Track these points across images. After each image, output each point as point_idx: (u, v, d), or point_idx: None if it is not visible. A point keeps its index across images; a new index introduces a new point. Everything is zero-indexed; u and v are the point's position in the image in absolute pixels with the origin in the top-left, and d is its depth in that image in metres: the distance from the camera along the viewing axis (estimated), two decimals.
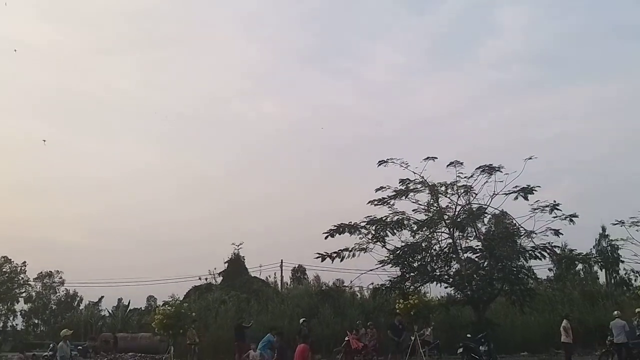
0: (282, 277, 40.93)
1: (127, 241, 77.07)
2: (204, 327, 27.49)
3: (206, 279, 37.44)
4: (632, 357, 20.37)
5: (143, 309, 46.41)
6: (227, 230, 69.65)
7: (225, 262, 37.70)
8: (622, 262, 36.00)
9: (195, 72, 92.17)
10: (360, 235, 26.64)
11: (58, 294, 64.92)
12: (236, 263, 37.84)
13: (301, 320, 24.12)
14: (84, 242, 78.04)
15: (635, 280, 32.89)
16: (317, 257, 27.41)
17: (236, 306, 30.58)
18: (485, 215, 26.74)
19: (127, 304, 44.04)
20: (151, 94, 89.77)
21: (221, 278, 37.52)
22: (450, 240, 26.62)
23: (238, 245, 37.55)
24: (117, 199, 79.69)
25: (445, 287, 27.57)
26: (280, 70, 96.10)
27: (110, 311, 41.74)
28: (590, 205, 61.19)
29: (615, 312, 21.60)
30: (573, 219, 24.89)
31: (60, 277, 63.43)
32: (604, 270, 37.19)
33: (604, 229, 41.07)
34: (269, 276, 39.77)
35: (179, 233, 74.86)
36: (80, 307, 58.82)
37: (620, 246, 31.74)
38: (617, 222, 28.21)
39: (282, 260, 41.01)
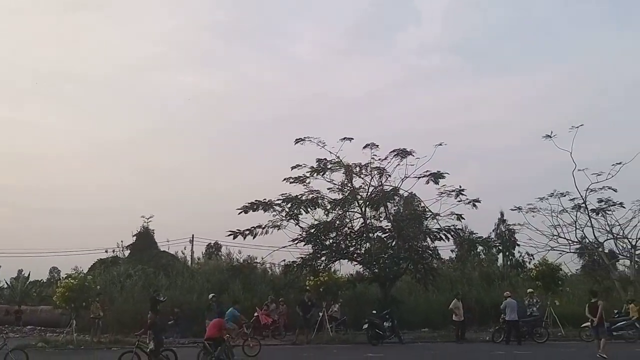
0: (192, 252, 40.32)
1: (29, 208, 72.73)
2: (109, 301, 26.69)
3: (113, 251, 36.24)
4: (521, 334, 22.03)
5: (45, 281, 44.24)
6: (136, 203, 67.50)
7: (133, 235, 36.63)
8: (518, 245, 38.70)
9: (112, 40, 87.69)
10: (274, 213, 26.84)
11: None
12: (145, 237, 36.82)
13: (210, 296, 24.03)
14: None
15: (529, 263, 35.17)
16: (229, 235, 27.41)
17: (143, 280, 29.88)
18: (396, 197, 27.67)
19: (27, 275, 41.81)
20: (63, 58, 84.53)
21: (129, 251, 36.45)
22: (362, 220, 27.41)
23: (148, 219, 36.55)
24: (23, 166, 74.77)
25: (355, 265, 28.47)
26: (200, 42, 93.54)
27: (9, 282, 39.38)
28: (493, 192, 64.72)
29: (506, 293, 23.21)
30: (476, 204, 26.44)
31: None
32: (501, 252, 39.69)
33: (502, 214, 43.78)
34: (181, 251, 39.03)
35: (86, 202, 71.66)
36: None
37: (517, 230, 34.13)
38: (515, 208, 30.30)
39: (193, 235, 40.41)
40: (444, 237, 26.89)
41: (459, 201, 26.30)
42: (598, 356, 16.41)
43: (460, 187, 26.37)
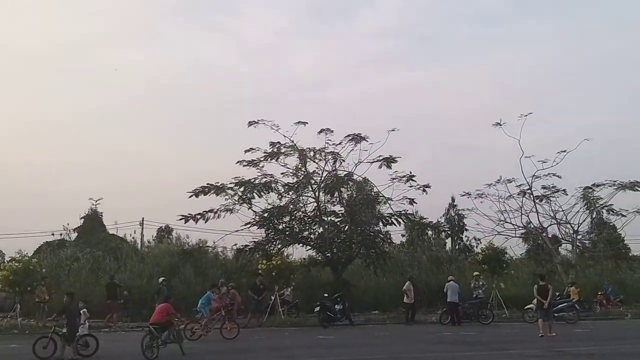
0: (142, 235, 39.59)
1: None
2: (55, 285, 25.97)
3: (60, 234, 35.26)
4: (467, 316, 22.73)
5: None
6: (85, 185, 65.50)
7: (81, 218, 35.74)
8: (467, 230, 39.93)
9: (57, 15, 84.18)
10: (227, 197, 26.63)
11: None
12: (93, 219, 35.98)
13: (160, 279, 23.81)
14: None
15: (477, 247, 36.17)
16: (180, 219, 27.08)
17: (91, 264, 29.23)
18: (350, 182, 27.88)
19: None
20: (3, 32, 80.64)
21: (76, 234, 35.56)
22: (316, 205, 27.53)
23: (96, 201, 35.69)
24: None
25: (308, 249, 28.62)
26: (152, 21, 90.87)
27: None
28: (445, 177, 65.82)
29: (450, 277, 23.89)
30: (426, 189, 26.97)
31: None
32: (450, 237, 40.67)
33: (453, 199, 44.78)
34: (130, 234, 38.28)
35: (30, 184, 69.08)
36: None
37: (465, 216, 35.07)
38: (464, 194, 31.07)
39: (143, 218, 39.69)
40: (395, 221, 27.38)
41: (410, 186, 26.83)
42: (541, 334, 17.16)
43: (410, 172, 26.88)
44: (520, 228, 31.07)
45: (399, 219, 27.40)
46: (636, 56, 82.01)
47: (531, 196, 29.75)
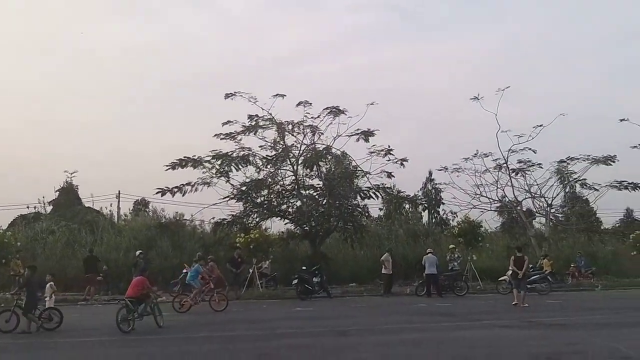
0: (119, 208, 39.18)
1: None
2: (31, 258, 25.67)
3: (35, 207, 34.71)
4: (443, 287, 23.12)
5: None
6: (60, 158, 64.34)
7: (56, 191, 35.18)
8: (443, 203, 40.29)
9: None
10: (204, 170, 26.47)
11: None
12: (69, 192, 35.44)
13: (137, 253, 23.74)
14: None
15: (453, 220, 36.62)
16: (157, 192, 26.86)
17: (67, 237, 28.93)
18: (329, 155, 27.88)
19: None
20: None
21: (51, 207, 35.05)
22: (294, 178, 27.52)
23: (71, 174, 35.12)
24: None
25: (286, 223, 28.69)
26: None
27: None
28: (423, 151, 66.17)
29: (429, 249, 24.22)
30: (404, 162, 27.12)
31: None
32: (427, 210, 41.11)
33: (430, 173, 45.11)
34: (106, 207, 37.84)
35: (4, 157, 67.62)
36: None
37: (442, 189, 35.43)
38: (441, 168, 31.37)
39: (119, 191, 39.24)
40: (373, 195, 27.58)
41: (387, 160, 26.96)
42: (515, 303, 17.74)
43: (389, 146, 26.97)
44: (496, 202, 31.62)
45: (377, 193, 27.60)
46: (610, 34, 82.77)
47: (507, 170, 30.18)
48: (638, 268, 28.24)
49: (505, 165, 30.04)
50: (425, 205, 36.82)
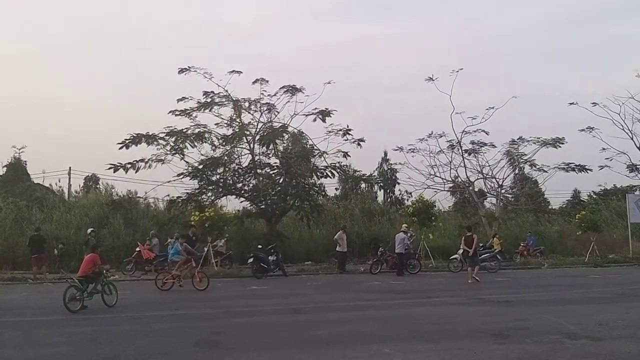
0: (69, 185, 38.21)
1: None
2: None
3: None
4: (395, 266, 23.55)
5: None
6: (8, 133, 61.89)
7: (3, 167, 34.04)
8: (398, 183, 40.90)
9: None
10: (159, 147, 25.94)
11: None
12: (16, 168, 34.36)
13: (89, 230, 23.34)
14: None
15: (407, 200, 37.15)
16: (109, 168, 26.18)
17: (15, 214, 27.98)
18: (286, 134, 27.74)
19: None
20: None
21: None
22: (251, 156, 27.29)
23: (19, 149, 33.97)
24: None
25: (242, 201, 28.50)
26: None
27: None
28: (379, 131, 66.70)
29: (404, 226, 24.63)
30: (361, 143, 27.23)
31: None
32: (382, 190, 41.60)
33: (386, 153, 45.59)
34: (56, 184, 36.77)
35: None
36: None
37: (398, 170, 35.85)
38: (397, 149, 31.72)
39: (70, 167, 38.20)
40: (330, 174, 27.61)
41: (345, 140, 27.01)
42: (470, 282, 18.54)
43: (347, 126, 27.03)
44: (449, 182, 32.24)
45: (334, 172, 27.64)
46: (567, 21, 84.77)
47: (460, 151, 30.73)
48: (583, 247, 29.38)
49: (458, 146, 30.59)
50: (381, 184, 37.17)
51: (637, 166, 31.28)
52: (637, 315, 11.78)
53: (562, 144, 29.83)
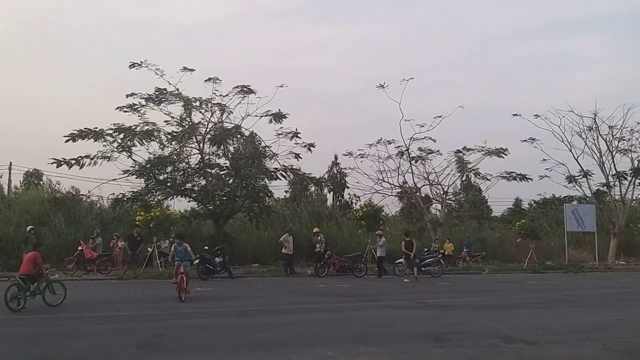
0: (10, 180, 36.77)
1: None
2: None
3: None
4: (342, 269, 23.85)
5: None
6: None
7: None
8: (348, 187, 41.21)
9: None
10: (105, 143, 25.29)
11: None
12: None
13: (28, 228, 22.61)
14: None
15: (356, 204, 37.53)
16: (52, 163, 25.34)
17: None
18: (237, 135, 27.52)
19: None
20: None
21: None
22: (200, 156, 26.96)
23: None
24: None
25: (189, 201, 28.12)
26: None
27: None
28: (330, 135, 67.14)
29: (380, 230, 25.63)
30: (311, 147, 27.38)
31: None
32: (332, 193, 41.93)
33: (336, 157, 45.90)
34: None
35: None
36: None
37: (347, 174, 36.22)
38: (347, 153, 32.05)
39: (10, 162, 36.77)
40: (281, 176, 27.61)
41: (295, 144, 27.07)
42: (406, 280, 20.00)
43: (296, 129, 27.08)
44: (397, 187, 32.79)
45: (284, 174, 27.65)
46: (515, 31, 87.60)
47: (408, 157, 31.32)
48: (522, 253, 30.42)
49: (406, 152, 31.16)
50: (331, 187, 37.44)
51: (575, 177, 32.77)
52: (571, 320, 12.26)
53: (505, 154, 30.81)
